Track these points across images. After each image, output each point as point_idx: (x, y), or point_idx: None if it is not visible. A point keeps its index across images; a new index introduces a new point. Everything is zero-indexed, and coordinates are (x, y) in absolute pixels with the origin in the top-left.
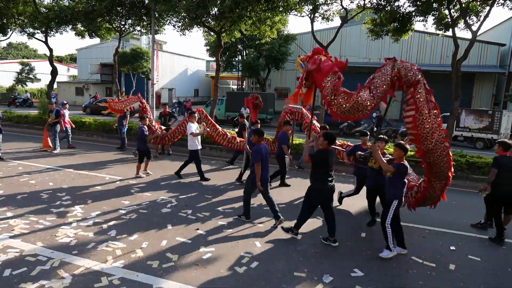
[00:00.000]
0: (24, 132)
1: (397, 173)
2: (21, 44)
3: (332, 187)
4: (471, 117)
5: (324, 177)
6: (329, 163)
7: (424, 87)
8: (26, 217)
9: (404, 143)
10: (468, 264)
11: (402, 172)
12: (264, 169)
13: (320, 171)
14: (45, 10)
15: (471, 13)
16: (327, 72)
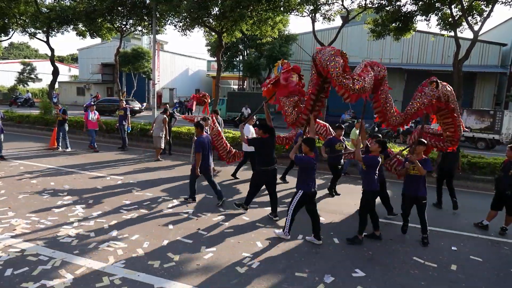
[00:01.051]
0: (25, 132)
1: (368, 166)
2: (22, 44)
3: (273, 170)
4: (472, 117)
5: (266, 160)
6: (270, 149)
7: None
8: (27, 216)
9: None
10: (470, 264)
11: (370, 165)
12: (206, 157)
13: (262, 155)
14: (46, 10)
15: (474, 12)
16: (289, 93)
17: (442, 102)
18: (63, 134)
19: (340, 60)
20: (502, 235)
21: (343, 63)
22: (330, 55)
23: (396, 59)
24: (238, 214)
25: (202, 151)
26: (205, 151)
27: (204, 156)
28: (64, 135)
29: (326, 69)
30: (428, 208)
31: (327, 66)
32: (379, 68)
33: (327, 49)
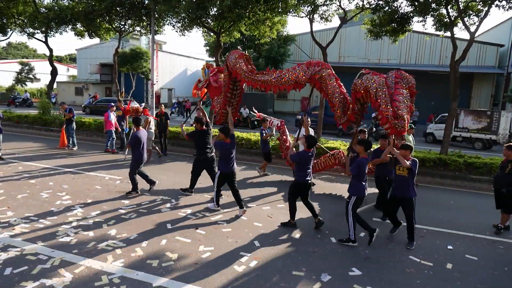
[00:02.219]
0: (24, 132)
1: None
2: (21, 44)
3: (211, 157)
4: (469, 118)
5: (203, 150)
6: (205, 140)
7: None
8: (26, 216)
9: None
10: (465, 263)
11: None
12: (142, 152)
13: (200, 146)
14: (45, 10)
15: (470, 13)
16: (220, 92)
17: (369, 92)
18: (71, 132)
19: (242, 62)
20: (497, 234)
21: (245, 64)
22: (235, 58)
23: (394, 59)
24: (236, 213)
25: (135, 144)
26: (139, 145)
27: (138, 151)
28: (71, 134)
29: (234, 70)
30: (426, 208)
31: (234, 67)
32: (318, 67)
33: (233, 53)
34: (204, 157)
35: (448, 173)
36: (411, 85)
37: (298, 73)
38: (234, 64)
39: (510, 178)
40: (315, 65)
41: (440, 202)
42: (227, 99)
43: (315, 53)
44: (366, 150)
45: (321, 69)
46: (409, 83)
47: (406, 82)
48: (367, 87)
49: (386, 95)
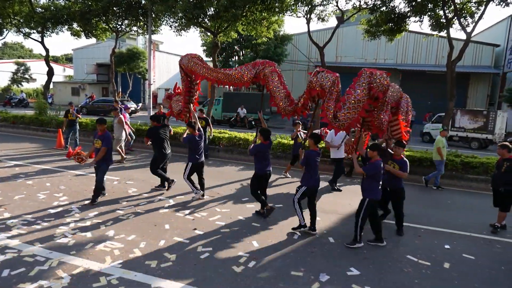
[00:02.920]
0: (20, 133)
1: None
2: (16, 44)
3: (168, 154)
4: (466, 117)
5: (161, 148)
6: (161, 138)
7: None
8: (23, 217)
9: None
10: (463, 262)
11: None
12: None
13: (157, 145)
14: (41, 10)
15: (465, 13)
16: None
17: (324, 90)
18: (71, 134)
19: (196, 61)
20: (494, 233)
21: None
22: (187, 59)
23: (391, 59)
24: (234, 214)
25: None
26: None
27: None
28: (74, 135)
29: (190, 70)
30: (423, 208)
31: (189, 67)
32: (262, 66)
33: (185, 56)
34: (163, 155)
35: (445, 172)
36: (376, 86)
37: (243, 72)
38: (188, 64)
39: (506, 177)
40: (259, 64)
41: (437, 201)
42: (187, 98)
43: (312, 53)
44: (316, 143)
45: (265, 67)
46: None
47: (369, 82)
48: (322, 85)
49: (337, 93)
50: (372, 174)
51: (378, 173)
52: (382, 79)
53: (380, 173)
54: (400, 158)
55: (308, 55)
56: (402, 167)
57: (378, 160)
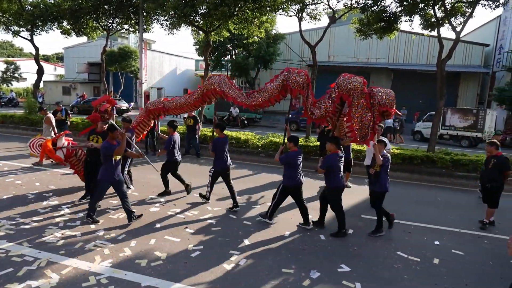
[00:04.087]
0: (10, 132)
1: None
2: (6, 42)
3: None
4: (456, 116)
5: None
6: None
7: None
8: (12, 217)
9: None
10: (452, 258)
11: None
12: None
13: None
14: (30, 8)
15: (456, 13)
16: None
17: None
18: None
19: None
20: (483, 229)
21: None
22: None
23: (383, 58)
24: (226, 212)
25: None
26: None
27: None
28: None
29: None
30: (413, 205)
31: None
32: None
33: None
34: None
35: (435, 170)
36: (291, 83)
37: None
38: (220, 84)
39: (493, 174)
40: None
41: (428, 198)
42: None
43: (304, 52)
44: (295, 144)
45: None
46: (289, 80)
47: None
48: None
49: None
50: (286, 162)
51: (292, 162)
52: (297, 76)
53: (293, 162)
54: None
55: (300, 54)
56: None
57: (294, 151)
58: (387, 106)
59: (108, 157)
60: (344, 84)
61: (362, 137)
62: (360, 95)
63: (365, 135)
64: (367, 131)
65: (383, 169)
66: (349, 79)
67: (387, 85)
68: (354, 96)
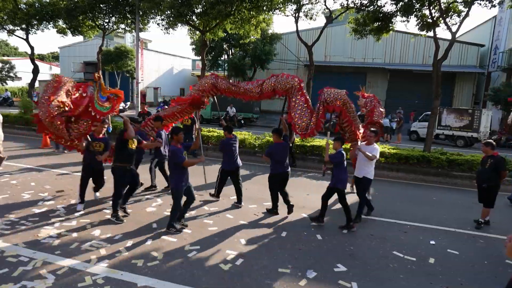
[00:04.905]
0: (4, 132)
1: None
2: (1, 41)
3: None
4: (452, 116)
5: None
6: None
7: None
8: (7, 217)
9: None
10: (447, 257)
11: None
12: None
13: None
14: (25, 7)
15: (452, 13)
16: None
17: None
18: None
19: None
20: (478, 228)
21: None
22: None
23: (379, 59)
24: (223, 212)
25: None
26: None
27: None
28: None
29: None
30: (409, 204)
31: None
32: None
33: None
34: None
35: (431, 170)
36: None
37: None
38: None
39: (489, 173)
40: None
41: (423, 198)
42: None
43: (301, 52)
44: (280, 137)
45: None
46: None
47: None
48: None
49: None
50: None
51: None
52: (285, 81)
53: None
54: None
55: (297, 54)
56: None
57: (228, 137)
58: (329, 104)
59: (178, 164)
60: (283, 83)
61: (302, 129)
62: (297, 93)
63: (306, 128)
64: (308, 124)
65: (335, 165)
66: (287, 78)
67: (383, 85)
68: (292, 94)
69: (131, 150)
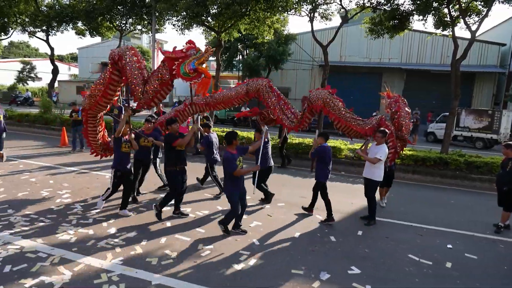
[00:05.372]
0: (25, 131)
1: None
2: (22, 43)
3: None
4: (471, 117)
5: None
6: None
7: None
8: (26, 214)
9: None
10: (465, 262)
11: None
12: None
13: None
14: (46, 9)
15: (471, 12)
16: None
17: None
18: (73, 135)
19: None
20: (497, 233)
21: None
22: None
23: (396, 58)
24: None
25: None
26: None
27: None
28: (75, 136)
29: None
30: (423, 207)
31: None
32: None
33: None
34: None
35: (449, 172)
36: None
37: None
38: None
39: (510, 176)
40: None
41: (440, 201)
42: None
43: (316, 52)
44: (259, 133)
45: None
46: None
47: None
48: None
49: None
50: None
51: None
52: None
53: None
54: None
55: (312, 55)
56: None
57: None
58: (313, 104)
59: (232, 170)
60: (254, 86)
61: (292, 122)
62: (267, 93)
63: (291, 121)
64: (294, 114)
65: (318, 160)
66: (256, 81)
67: (400, 85)
68: (263, 95)
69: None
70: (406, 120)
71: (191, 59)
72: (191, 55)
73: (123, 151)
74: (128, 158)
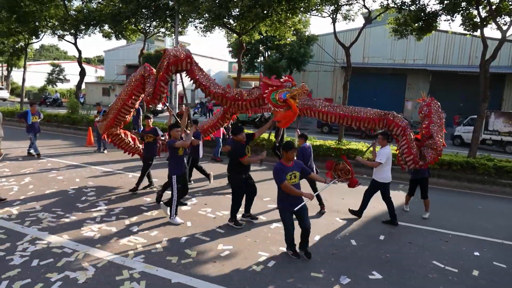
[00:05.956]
0: (54, 131)
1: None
2: (52, 46)
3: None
4: (500, 120)
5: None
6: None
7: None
8: (53, 211)
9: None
10: (493, 270)
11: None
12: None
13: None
14: (74, 13)
15: (502, 12)
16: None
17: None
18: (98, 135)
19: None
20: None
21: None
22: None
23: (421, 60)
24: (256, 213)
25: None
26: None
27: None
28: (99, 136)
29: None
30: (449, 212)
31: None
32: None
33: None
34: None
35: (477, 177)
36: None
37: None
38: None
39: None
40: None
41: (467, 206)
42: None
43: (338, 53)
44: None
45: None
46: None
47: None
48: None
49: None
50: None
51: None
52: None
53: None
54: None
55: (334, 56)
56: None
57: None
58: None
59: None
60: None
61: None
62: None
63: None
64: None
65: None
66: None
67: (425, 87)
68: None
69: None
70: (438, 127)
71: (284, 90)
72: (285, 86)
73: (180, 154)
74: (184, 159)
